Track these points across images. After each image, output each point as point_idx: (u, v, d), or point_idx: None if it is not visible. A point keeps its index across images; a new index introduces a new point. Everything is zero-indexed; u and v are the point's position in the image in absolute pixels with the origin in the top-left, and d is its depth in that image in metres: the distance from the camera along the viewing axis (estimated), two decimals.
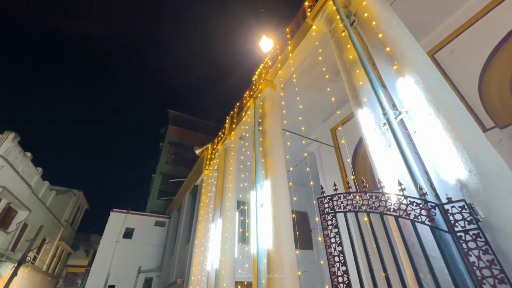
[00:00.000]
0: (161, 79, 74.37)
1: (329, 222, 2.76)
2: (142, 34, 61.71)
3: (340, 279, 2.44)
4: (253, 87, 8.50)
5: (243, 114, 8.63)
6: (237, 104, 9.90)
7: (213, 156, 11.10)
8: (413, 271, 2.05)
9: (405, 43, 3.23)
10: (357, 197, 2.75)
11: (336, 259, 2.55)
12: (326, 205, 2.85)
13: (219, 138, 10.97)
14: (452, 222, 2.04)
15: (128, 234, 16.18)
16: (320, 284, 10.92)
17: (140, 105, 78.97)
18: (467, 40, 5.57)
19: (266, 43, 7.99)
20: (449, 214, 2.08)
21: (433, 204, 2.18)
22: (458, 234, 1.97)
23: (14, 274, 13.50)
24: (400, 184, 2.42)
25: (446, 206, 2.11)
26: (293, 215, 4.81)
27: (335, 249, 2.61)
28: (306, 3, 6.43)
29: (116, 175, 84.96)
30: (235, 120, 9.66)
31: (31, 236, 15.66)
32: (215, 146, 11.24)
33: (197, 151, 12.92)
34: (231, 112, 10.44)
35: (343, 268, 2.47)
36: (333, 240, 2.65)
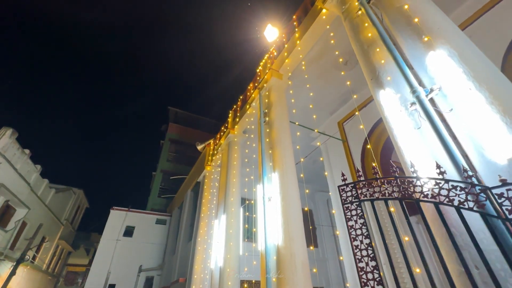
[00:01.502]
0: (162, 76, 74.04)
1: (354, 212, 2.45)
2: (142, 30, 61.35)
3: (370, 276, 2.13)
4: (258, 78, 8.17)
5: (247, 106, 8.32)
6: (241, 97, 9.58)
7: (215, 152, 10.80)
8: (463, 266, 1.73)
9: (434, 14, 2.91)
10: (382, 185, 2.45)
11: (364, 253, 2.24)
12: (349, 194, 2.54)
13: (222, 133, 10.66)
14: (509, 208, 1.72)
15: (129, 232, 15.89)
16: (326, 283, 10.62)
17: (140, 102, 78.57)
18: (486, 24, 5.24)
19: (271, 32, 7.65)
20: (503, 199, 1.76)
21: (482, 188, 1.86)
22: None
23: (13, 273, 13.24)
24: (438, 167, 2.10)
25: (500, 190, 1.79)
26: (306, 208, 4.49)
27: (361, 241, 2.30)
28: None
29: (117, 173, 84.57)
30: (238, 114, 9.34)
31: (30, 234, 15.39)
32: (217, 141, 10.93)
33: (199, 147, 12.63)
34: (234, 106, 10.12)
35: (373, 263, 2.16)
36: (359, 231, 2.34)
